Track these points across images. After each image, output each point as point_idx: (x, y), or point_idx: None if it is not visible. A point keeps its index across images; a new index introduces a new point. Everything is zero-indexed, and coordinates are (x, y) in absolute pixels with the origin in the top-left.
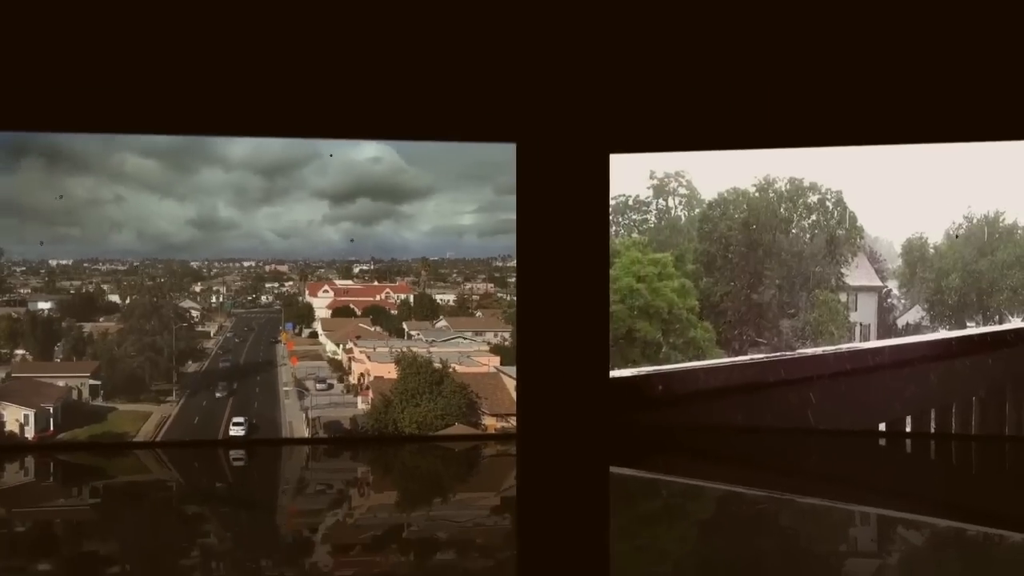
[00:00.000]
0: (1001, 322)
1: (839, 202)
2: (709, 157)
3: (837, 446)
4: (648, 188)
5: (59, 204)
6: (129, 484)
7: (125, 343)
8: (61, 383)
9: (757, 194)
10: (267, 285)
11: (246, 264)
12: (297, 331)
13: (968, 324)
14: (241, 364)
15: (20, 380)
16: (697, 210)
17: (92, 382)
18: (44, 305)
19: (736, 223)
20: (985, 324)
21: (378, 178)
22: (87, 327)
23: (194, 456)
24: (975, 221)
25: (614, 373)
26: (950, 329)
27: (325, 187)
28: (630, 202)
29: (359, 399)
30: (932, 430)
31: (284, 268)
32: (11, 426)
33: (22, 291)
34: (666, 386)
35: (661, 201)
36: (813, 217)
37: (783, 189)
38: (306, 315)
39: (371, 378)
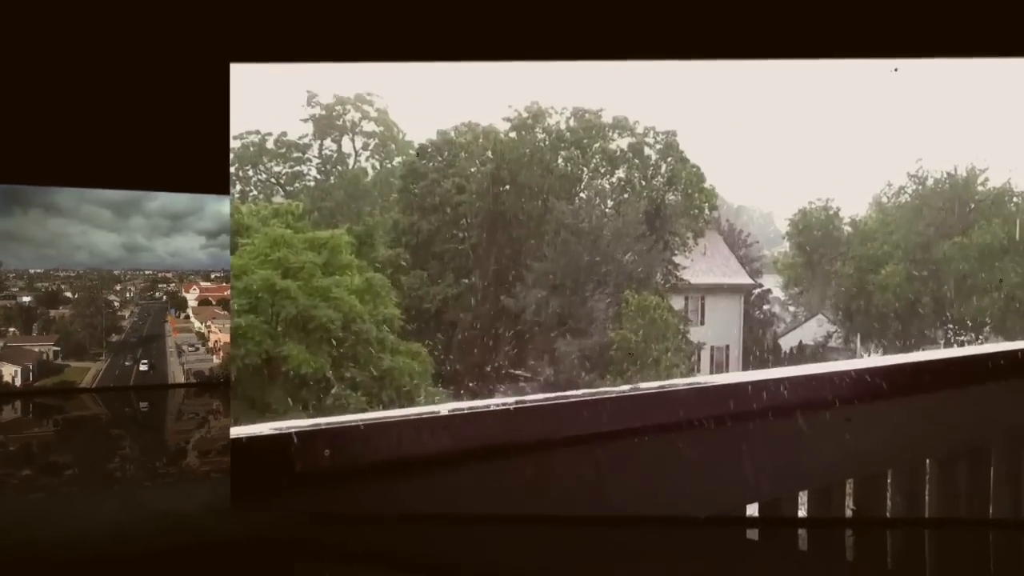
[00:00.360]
0: (981, 340)
1: (670, 149)
2: (422, 72)
3: (661, 543)
4: (305, 121)
5: (46, 235)
6: (78, 416)
7: (75, 323)
8: (36, 349)
9: (512, 134)
10: (159, 286)
11: (147, 272)
12: (177, 315)
13: (908, 342)
14: (144, 336)
15: (12, 347)
16: (398, 159)
17: (55, 348)
18: (26, 299)
19: (474, 180)
20: (944, 342)
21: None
22: (52, 313)
23: (116, 397)
24: (930, 183)
25: (240, 430)
26: (883, 351)
27: (203, 227)
28: (269, 144)
29: (214, 357)
30: (848, 512)
31: (170, 275)
32: (7, 378)
33: (13, 289)
34: (339, 450)
35: (330, 144)
36: (620, 173)
37: (562, 127)
38: (182, 305)
39: (222, 343)
